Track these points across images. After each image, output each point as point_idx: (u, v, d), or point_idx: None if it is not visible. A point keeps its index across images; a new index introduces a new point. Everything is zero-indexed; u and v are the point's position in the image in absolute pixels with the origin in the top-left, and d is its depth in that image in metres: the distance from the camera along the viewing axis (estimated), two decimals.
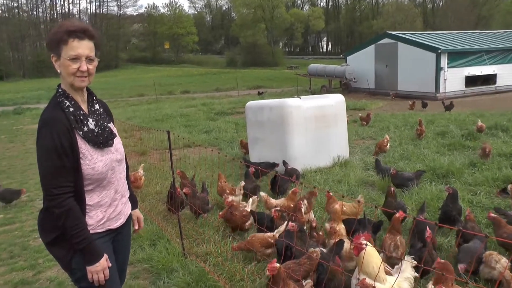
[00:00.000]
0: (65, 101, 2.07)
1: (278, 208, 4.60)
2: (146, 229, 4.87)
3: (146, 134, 9.82)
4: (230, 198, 4.77)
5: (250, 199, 4.97)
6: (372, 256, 2.73)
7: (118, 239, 2.37)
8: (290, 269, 3.18)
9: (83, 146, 2.06)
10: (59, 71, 2.07)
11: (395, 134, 10.00)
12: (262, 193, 5.15)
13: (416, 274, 2.95)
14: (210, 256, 4.12)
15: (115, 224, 2.28)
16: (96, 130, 2.12)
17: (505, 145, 8.10)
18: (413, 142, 9.00)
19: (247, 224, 4.54)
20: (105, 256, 2.13)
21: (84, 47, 2.03)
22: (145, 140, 9.78)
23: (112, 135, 2.21)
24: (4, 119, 18.60)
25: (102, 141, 2.13)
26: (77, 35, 2.02)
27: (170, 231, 4.84)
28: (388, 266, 3.19)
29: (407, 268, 2.90)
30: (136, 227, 2.61)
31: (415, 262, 2.90)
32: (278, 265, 2.88)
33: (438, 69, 19.15)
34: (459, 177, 6.26)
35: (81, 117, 2.08)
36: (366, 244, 2.60)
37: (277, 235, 3.93)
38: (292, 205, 4.65)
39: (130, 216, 2.47)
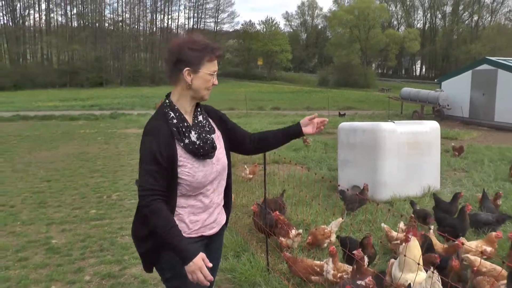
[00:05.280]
0: (170, 112, 2.15)
1: (397, 242, 4.34)
2: (231, 240, 4.92)
3: None
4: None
5: (333, 222, 4.81)
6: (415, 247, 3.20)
7: (210, 248, 2.38)
8: None
9: (183, 155, 2.12)
10: (190, 83, 2.14)
11: (490, 168, 9.24)
12: (383, 225, 4.90)
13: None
14: (294, 276, 4.03)
15: (209, 232, 2.31)
16: (197, 142, 2.15)
17: None
18: (510, 179, 8.24)
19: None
20: (200, 255, 2.07)
21: (217, 64, 2.23)
22: (233, 153, 9.78)
23: (213, 148, 2.23)
24: (101, 122, 20.14)
25: (202, 153, 2.16)
26: (220, 56, 2.20)
27: (255, 245, 4.84)
28: None
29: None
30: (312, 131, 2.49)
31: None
32: None
33: None
34: None
35: (184, 129, 2.14)
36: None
37: (325, 265, 3.74)
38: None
39: (223, 227, 2.48)
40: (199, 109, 2.29)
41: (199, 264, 2.04)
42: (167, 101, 2.18)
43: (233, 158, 8.98)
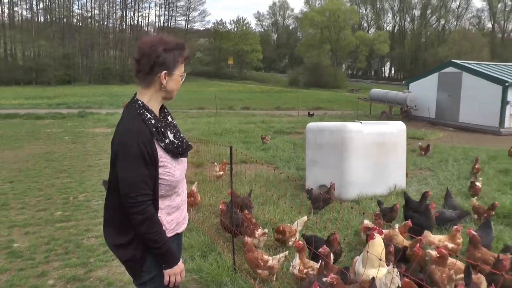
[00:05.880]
0: (146, 113, 2.12)
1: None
2: (198, 240, 4.92)
3: (204, 147, 9.99)
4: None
5: (298, 220, 4.89)
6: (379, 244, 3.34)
7: (179, 245, 2.43)
8: None
9: (163, 156, 2.12)
10: (165, 85, 2.14)
11: (454, 167, 9.55)
12: (366, 221, 5.01)
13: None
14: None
15: (181, 229, 2.35)
16: (176, 142, 2.19)
17: None
18: (471, 178, 8.54)
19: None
20: (180, 259, 2.20)
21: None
22: (202, 152, 9.94)
23: (189, 147, 2.29)
24: (69, 121, 19.66)
25: (180, 152, 2.20)
26: (190, 57, 2.27)
27: (222, 245, 4.84)
28: None
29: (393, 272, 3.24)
30: None
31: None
32: None
33: (504, 102, 18.16)
34: None
35: (162, 130, 2.14)
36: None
37: (271, 261, 3.82)
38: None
39: None
40: (165, 110, 2.31)
41: (182, 267, 2.18)
42: (139, 102, 2.14)
43: (200, 158, 8.97)
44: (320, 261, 3.53)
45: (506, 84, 18.02)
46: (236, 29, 73.00)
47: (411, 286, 3.08)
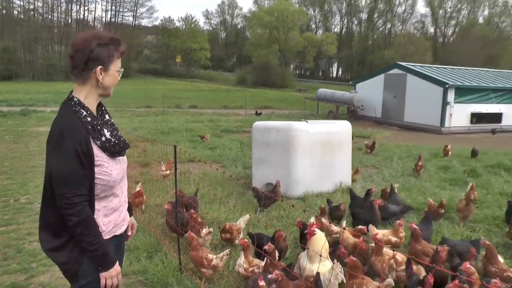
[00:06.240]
0: (82, 110, 2.08)
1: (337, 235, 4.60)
2: (143, 241, 4.86)
3: (151, 146, 9.83)
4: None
5: (241, 218, 4.96)
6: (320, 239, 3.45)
7: (117, 245, 2.37)
8: None
9: (99, 155, 2.08)
10: (101, 81, 2.11)
11: (398, 165, 10.03)
12: (312, 219, 5.05)
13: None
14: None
15: (119, 231, 2.31)
16: (112, 140, 2.15)
17: (506, 184, 8.10)
18: (414, 174, 9.00)
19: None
20: (117, 261, 2.17)
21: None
22: (149, 152, 9.80)
23: (126, 146, 2.25)
24: (10, 119, 18.64)
25: (117, 150, 2.17)
26: (124, 52, 2.23)
27: (168, 245, 4.81)
28: None
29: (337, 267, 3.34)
30: (129, 233, 2.59)
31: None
32: None
33: (445, 103, 19.26)
34: None
35: (98, 127, 2.11)
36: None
37: (215, 260, 3.89)
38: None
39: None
40: (103, 108, 2.28)
41: (118, 270, 2.15)
42: (75, 99, 2.10)
43: (147, 158, 8.85)
44: (265, 258, 3.60)
45: (446, 86, 19.09)
46: (184, 26, 71.92)
47: (356, 265, 3.22)
